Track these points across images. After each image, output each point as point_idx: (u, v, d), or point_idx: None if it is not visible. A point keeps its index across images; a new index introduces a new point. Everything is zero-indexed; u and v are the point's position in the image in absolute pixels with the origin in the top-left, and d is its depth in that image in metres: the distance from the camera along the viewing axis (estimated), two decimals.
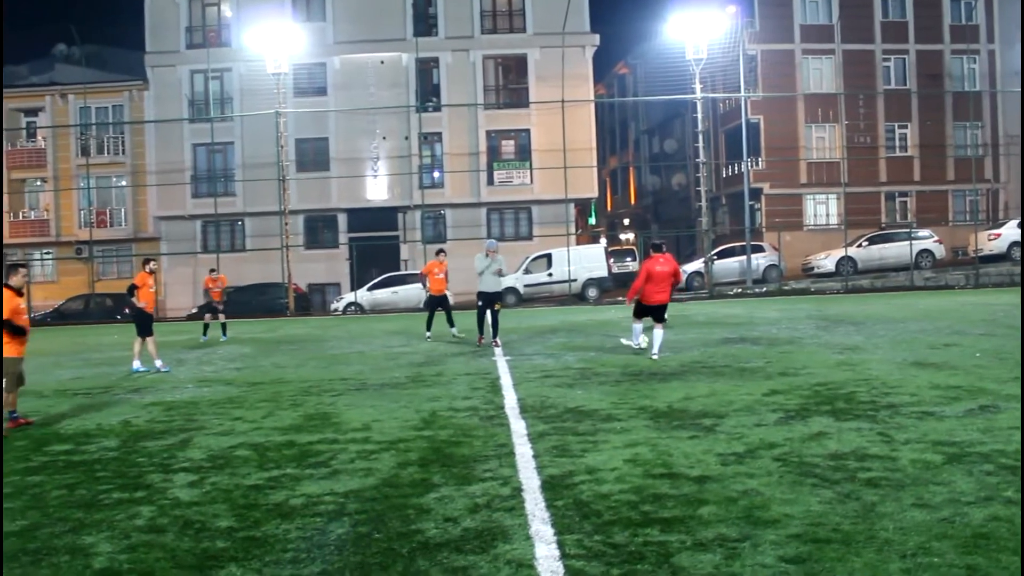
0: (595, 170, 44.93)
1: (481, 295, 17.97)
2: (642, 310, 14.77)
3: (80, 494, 6.89)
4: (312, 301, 42.02)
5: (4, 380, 9.87)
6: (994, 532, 5.16)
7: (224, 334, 23.32)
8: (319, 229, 43.94)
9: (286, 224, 39.20)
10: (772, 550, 5.00)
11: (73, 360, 18.99)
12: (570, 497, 6.24)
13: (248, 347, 20.61)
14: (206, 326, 23.81)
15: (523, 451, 7.75)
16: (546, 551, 5.13)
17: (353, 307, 37.29)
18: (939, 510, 5.62)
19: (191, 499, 6.62)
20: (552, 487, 6.50)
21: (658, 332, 14.38)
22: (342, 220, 43.74)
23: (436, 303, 20.79)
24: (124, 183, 44.92)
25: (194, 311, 39.27)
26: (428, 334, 20.13)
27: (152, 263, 17.05)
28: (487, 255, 17.90)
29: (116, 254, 44.98)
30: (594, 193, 45.85)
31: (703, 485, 6.41)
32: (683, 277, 24.28)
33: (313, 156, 43.63)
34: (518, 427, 8.85)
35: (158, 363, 15.82)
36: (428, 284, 20.96)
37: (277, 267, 38.83)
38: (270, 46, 38.12)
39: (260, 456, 8.04)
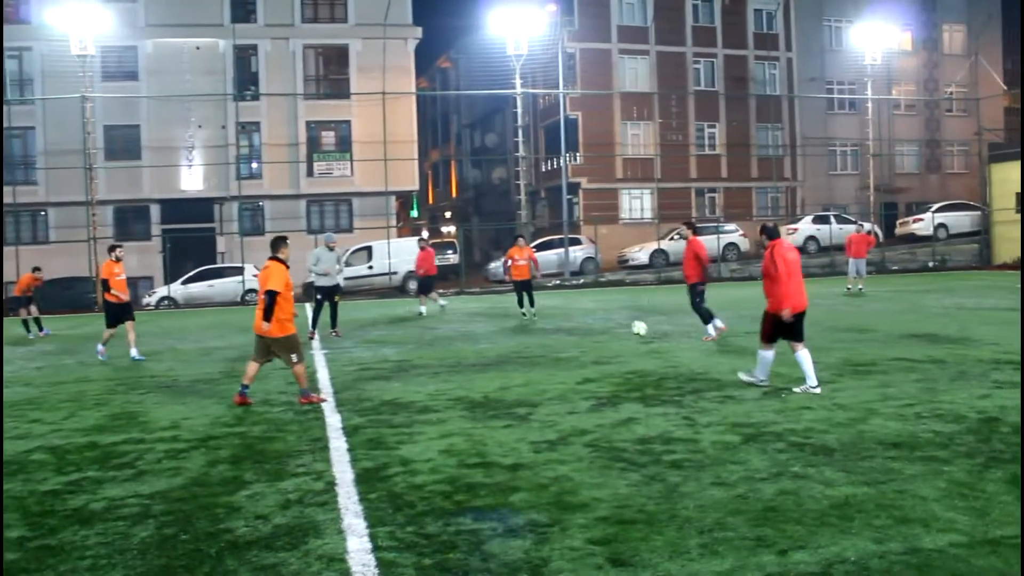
0: (416, 163, 44.82)
1: (320, 289, 17.87)
2: (778, 327, 9.61)
3: None
4: None
5: (295, 354, 9.77)
6: (782, 505, 5.55)
7: (42, 328, 22.26)
8: (130, 220, 41.80)
9: (94, 215, 37.12)
10: (580, 533, 5.17)
11: None
12: (384, 489, 6.24)
13: (52, 344, 19.45)
14: (26, 322, 22.33)
15: (338, 445, 7.69)
16: (358, 544, 5.12)
17: (166, 301, 35.78)
18: (735, 487, 5.98)
19: None
20: (366, 480, 6.49)
21: (805, 354, 9.55)
22: (155, 211, 41.80)
23: (520, 287, 20.92)
24: None
25: None
26: (523, 311, 20.80)
27: (119, 250, 15.65)
28: (329, 248, 17.97)
29: None
30: (415, 186, 45.75)
31: (516, 473, 6.56)
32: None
33: (123, 144, 41.46)
34: (333, 421, 8.78)
35: (100, 350, 15.26)
36: (510, 271, 21.08)
37: (84, 260, 36.73)
38: (75, 25, 35.96)
39: (59, 459, 7.62)
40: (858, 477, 6.09)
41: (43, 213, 41.43)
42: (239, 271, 36.44)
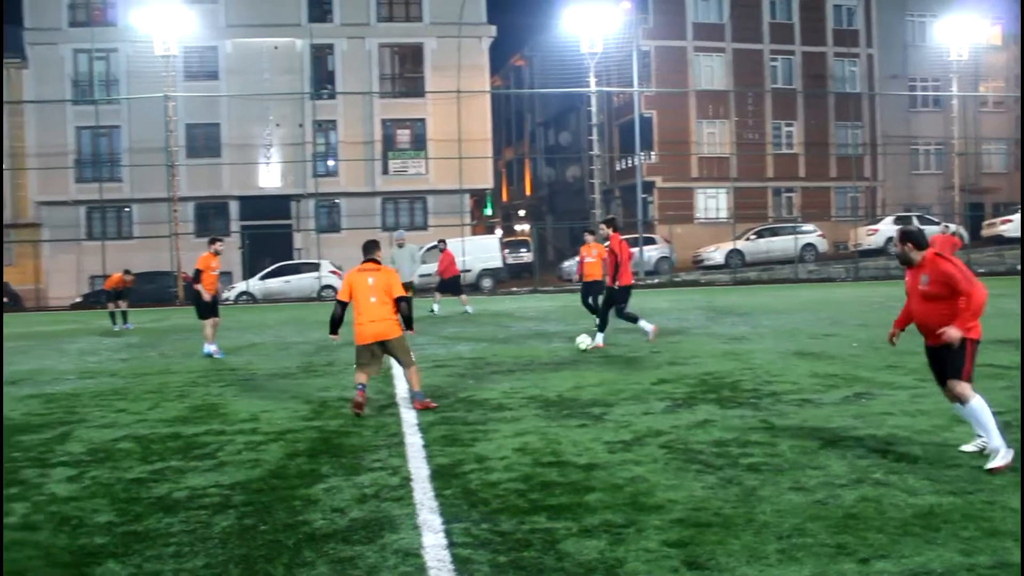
0: (491, 161, 45.03)
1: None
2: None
3: None
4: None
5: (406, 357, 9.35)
6: (863, 512, 5.41)
7: (127, 322, 22.91)
8: (210, 217, 42.80)
9: (175, 211, 38.11)
10: (656, 535, 5.12)
11: None
12: (459, 486, 6.27)
13: (135, 337, 20.01)
14: (113, 314, 23.07)
15: (413, 441, 7.74)
16: (433, 540, 5.15)
17: (245, 296, 36.54)
18: (814, 493, 5.86)
19: (69, 494, 6.40)
20: (441, 476, 6.52)
21: (979, 404, 6.47)
22: (234, 208, 42.74)
23: (587, 289, 17.81)
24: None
25: (78, 300, 37.90)
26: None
27: (219, 243, 15.45)
28: (399, 245, 18.27)
29: None
30: (489, 184, 45.96)
31: (590, 472, 6.53)
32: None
33: (204, 142, 42.48)
34: (409, 417, 8.84)
35: (211, 347, 15.01)
36: (582, 270, 17.99)
37: (166, 255, 37.72)
38: (158, 27, 36.94)
39: (144, 449, 7.83)
40: (944, 486, 5.91)
41: (127, 209, 42.63)
42: (315, 267, 37.06)
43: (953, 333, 6.42)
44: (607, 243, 14.67)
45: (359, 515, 5.67)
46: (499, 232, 51.52)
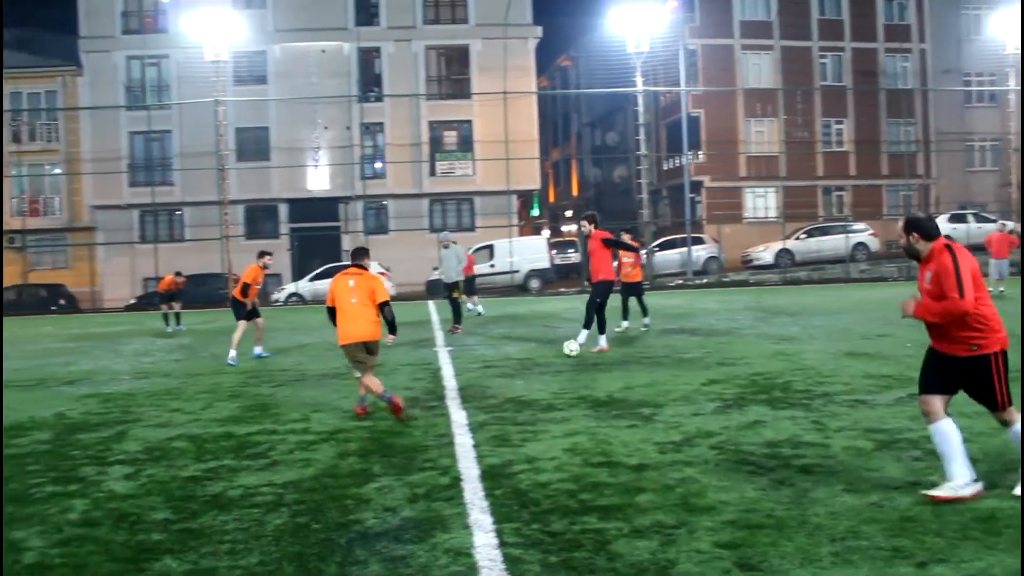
0: (538, 161, 45.03)
1: (445, 285, 19.05)
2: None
3: (10, 488, 6.74)
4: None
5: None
6: (920, 515, 5.31)
7: (179, 324, 23.35)
8: (259, 219, 43.36)
9: (226, 214, 38.63)
10: (707, 536, 5.09)
11: (6, 352, 18.50)
12: (509, 486, 6.27)
13: (187, 338, 20.32)
14: (166, 316, 23.52)
15: (463, 441, 7.77)
16: (484, 539, 5.16)
17: (295, 298, 36.93)
18: (868, 495, 5.77)
19: (126, 491, 6.53)
20: (491, 476, 6.53)
21: (942, 429, 5.77)
22: (283, 210, 43.25)
23: (627, 292, 17.34)
24: (58, 171, 43.86)
25: (132, 302, 38.59)
26: (645, 320, 17.34)
27: (268, 257, 15.55)
28: (444, 246, 18.94)
29: (50, 244, 43.92)
30: (536, 184, 45.96)
31: (641, 473, 6.50)
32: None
33: (253, 145, 43.05)
34: (458, 417, 8.87)
35: (258, 351, 15.25)
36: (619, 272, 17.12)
37: (216, 257, 38.24)
38: (208, 33, 37.48)
39: (198, 448, 7.95)
40: (1005, 490, 5.78)
41: (179, 212, 43.32)
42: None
43: (906, 307, 5.72)
44: (588, 239, 13.96)
45: (410, 514, 5.71)
46: (546, 233, 51.50)
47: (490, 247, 38.30)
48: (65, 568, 4.98)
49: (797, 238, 40.02)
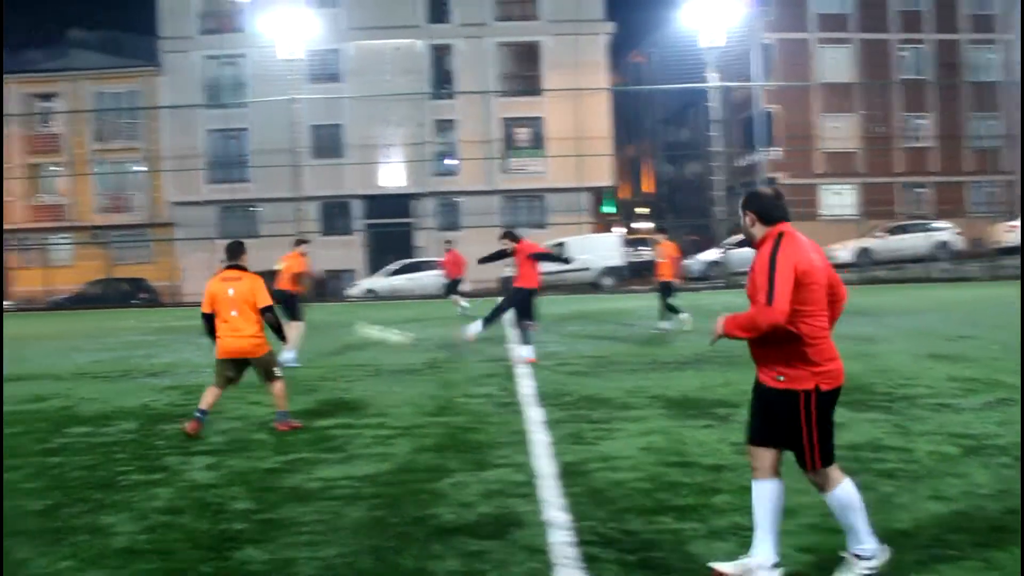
0: (610, 158, 44.81)
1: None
2: None
3: (99, 475, 6.96)
4: (327, 287, 42.13)
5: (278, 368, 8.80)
6: (1011, 525, 5.13)
7: None
8: (334, 215, 43.97)
9: (300, 210, 39.25)
10: (787, 540, 4.99)
11: (91, 344, 19.11)
12: (584, 484, 6.25)
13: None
14: None
15: (538, 438, 7.77)
16: (560, 537, 5.15)
17: (370, 293, 37.40)
18: (955, 502, 5.61)
19: (208, 481, 6.68)
20: (567, 474, 6.52)
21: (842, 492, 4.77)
22: (357, 206, 43.79)
23: (664, 290, 16.93)
24: (139, 168, 45.06)
25: None
26: (683, 315, 16.77)
27: (304, 244, 15.29)
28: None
29: (132, 239, 45.16)
30: (609, 182, 45.76)
31: (718, 474, 6.42)
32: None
33: (328, 142, 43.66)
34: (533, 414, 8.87)
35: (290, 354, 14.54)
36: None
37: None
38: (284, 32, 38.11)
39: (277, 440, 8.09)
40: None
41: (255, 208, 44.15)
42: (436, 265, 37.60)
43: (716, 326, 4.54)
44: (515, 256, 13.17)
45: (486, 510, 5.73)
46: (620, 230, 51.23)
47: (562, 244, 38.20)
48: (152, 554, 5.11)
49: (876, 235, 39.15)
